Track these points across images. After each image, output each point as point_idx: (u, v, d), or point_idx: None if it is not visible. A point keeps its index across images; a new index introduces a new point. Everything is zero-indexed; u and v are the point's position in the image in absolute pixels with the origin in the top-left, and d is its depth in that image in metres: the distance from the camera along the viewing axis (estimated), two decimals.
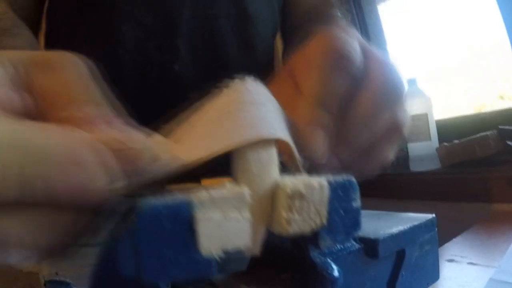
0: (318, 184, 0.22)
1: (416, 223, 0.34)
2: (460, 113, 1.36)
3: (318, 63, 0.29)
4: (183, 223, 0.17)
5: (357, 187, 0.24)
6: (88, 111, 0.20)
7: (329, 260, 0.27)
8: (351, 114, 0.29)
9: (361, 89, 0.29)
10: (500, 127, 1.05)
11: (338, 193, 0.23)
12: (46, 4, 0.60)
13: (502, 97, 1.40)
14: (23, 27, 0.49)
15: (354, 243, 0.30)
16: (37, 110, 0.21)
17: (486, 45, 1.43)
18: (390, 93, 0.30)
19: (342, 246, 0.29)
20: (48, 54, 0.22)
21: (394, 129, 0.32)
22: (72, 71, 0.22)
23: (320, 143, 0.27)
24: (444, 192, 1.06)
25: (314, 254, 0.27)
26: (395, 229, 0.32)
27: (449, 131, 1.25)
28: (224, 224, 0.18)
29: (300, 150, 0.26)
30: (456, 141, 1.08)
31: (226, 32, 0.58)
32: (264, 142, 0.22)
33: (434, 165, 1.15)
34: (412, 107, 1.25)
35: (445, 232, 0.76)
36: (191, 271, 0.17)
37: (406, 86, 1.29)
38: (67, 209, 0.18)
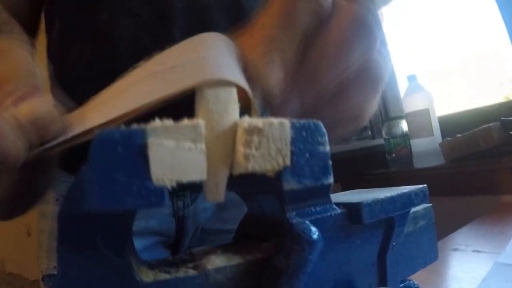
0: (278, 121, 0.21)
1: (405, 191, 0.32)
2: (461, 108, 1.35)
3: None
4: (136, 148, 0.17)
5: (324, 131, 0.23)
6: (10, 88, 0.24)
7: (307, 222, 0.25)
8: (316, 49, 0.27)
9: (329, 24, 0.27)
10: (503, 118, 1.04)
11: (302, 133, 0.22)
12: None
13: (507, 98, 1.39)
14: (14, 24, 0.49)
15: (335, 207, 0.28)
16: None
17: (487, 47, 1.42)
18: (362, 29, 0.27)
19: (321, 209, 0.28)
20: None
21: (367, 73, 0.29)
22: (9, 62, 0.26)
23: (272, 69, 0.25)
24: (449, 187, 1.05)
25: (291, 216, 0.26)
26: (381, 196, 0.30)
27: (452, 126, 1.24)
28: (177, 153, 0.18)
29: (255, 89, 0.24)
30: (459, 135, 1.07)
31: (219, 22, 0.59)
32: (223, 83, 0.22)
33: (437, 160, 1.14)
34: (413, 103, 1.24)
35: (451, 226, 0.75)
36: (142, 199, 0.17)
37: (406, 82, 1.31)
38: None
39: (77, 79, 0.60)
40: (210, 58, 0.23)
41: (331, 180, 0.23)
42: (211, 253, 0.25)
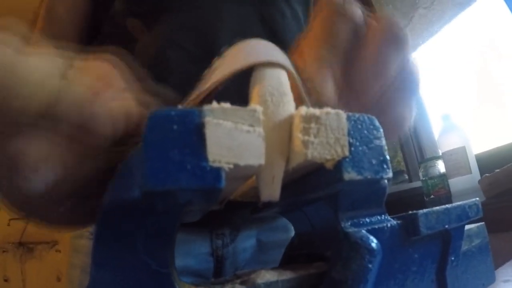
0: (335, 111, 0.20)
1: (459, 203, 0.31)
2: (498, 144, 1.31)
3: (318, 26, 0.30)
4: (192, 127, 0.17)
5: (378, 125, 0.22)
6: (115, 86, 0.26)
7: (363, 230, 0.24)
8: (357, 64, 0.29)
9: (365, 38, 0.30)
10: None
11: (358, 126, 0.21)
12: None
13: None
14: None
15: (391, 219, 0.27)
16: None
17: None
18: (394, 41, 0.30)
19: (377, 219, 0.26)
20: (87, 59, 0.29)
21: (405, 80, 0.31)
22: (103, 68, 0.28)
23: (326, 83, 0.27)
24: (492, 223, 1.00)
25: (346, 226, 0.25)
26: (436, 208, 0.29)
27: (489, 162, 1.20)
28: (235, 135, 0.18)
29: (307, 93, 0.26)
30: (497, 170, 1.03)
31: None
32: (280, 67, 0.23)
33: (478, 198, 1.10)
34: (449, 142, 1.22)
35: (499, 263, 0.71)
36: (197, 180, 0.16)
37: (441, 122, 1.29)
38: (76, 144, 0.23)
39: None
40: (268, 47, 0.26)
41: (390, 174, 0.22)
42: (259, 271, 0.24)
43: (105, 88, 0.26)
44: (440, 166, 1.31)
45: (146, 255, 0.19)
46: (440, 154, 1.27)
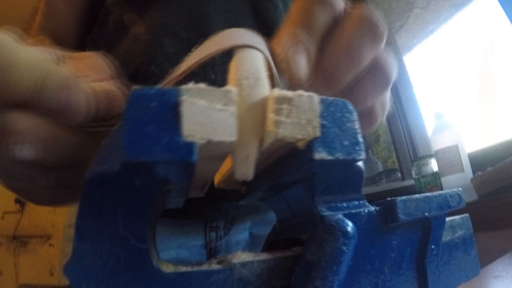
0: (307, 94, 0.21)
1: (440, 192, 0.31)
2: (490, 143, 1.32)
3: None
4: (169, 104, 0.18)
5: (351, 109, 0.23)
6: (90, 73, 0.30)
7: (339, 214, 0.24)
8: (331, 46, 0.29)
9: (341, 25, 0.30)
10: None
11: (330, 108, 0.22)
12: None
13: None
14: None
15: (369, 205, 0.27)
16: None
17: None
18: (370, 31, 0.30)
19: (354, 205, 0.26)
20: (80, 52, 0.33)
21: (378, 69, 0.31)
22: (94, 58, 0.32)
23: (301, 63, 0.27)
24: (484, 221, 1.00)
25: (322, 209, 0.25)
26: (416, 195, 0.29)
27: (482, 160, 1.21)
28: (209, 113, 0.19)
29: (281, 80, 0.27)
30: (489, 168, 1.03)
31: None
32: (255, 50, 0.25)
33: (470, 196, 1.10)
34: (442, 141, 1.22)
35: (490, 260, 0.71)
36: (171, 153, 0.18)
37: (433, 120, 1.29)
38: (61, 125, 0.26)
39: None
40: (246, 34, 0.27)
41: (362, 155, 0.22)
42: (236, 252, 0.24)
43: (92, 74, 0.29)
44: (433, 165, 1.31)
45: (125, 230, 0.20)
46: (433, 152, 1.27)
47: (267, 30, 0.66)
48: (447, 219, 0.32)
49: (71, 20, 0.69)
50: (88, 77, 0.29)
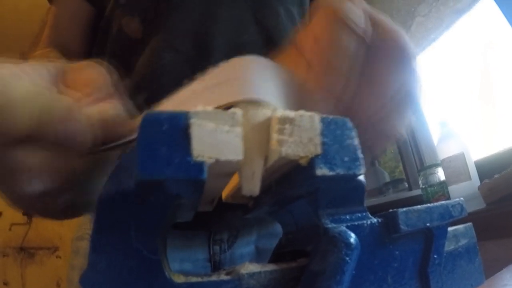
0: (308, 113, 0.23)
1: (442, 203, 0.32)
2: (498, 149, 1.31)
3: (322, 32, 0.29)
4: (179, 127, 0.20)
5: (351, 126, 0.24)
6: (96, 93, 0.30)
7: (343, 226, 0.25)
8: (361, 82, 0.29)
9: (371, 57, 0.29)
10: None
11: (331, 127, 0.23)
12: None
13: None
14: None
15: (371, 216, 0.28)
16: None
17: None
18: (401, 60, 0.30)
19: (357, 216, 0.27)
20: (80, 63, 0.32)
21: (406, 98, 0.31)
22: (93, 70, 0.32)
23: (327, 108, 0.28)
24: (492, 229, 1.00)
25: (326, 222, 0.26)
26: (417, 206, 0.30)
27: (489, 168, 1.20)
28: (216, 134, 0.20)
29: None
30: (496, 176, 1.03)
31: None
32: (255, 100, 0.25)
33: (478, 204, 1.09)
34: (448, 149, 1.22)
35: (498, 269, 0.71)
36: (182, 172, 0.19)
37: (439, 129, 1.29)
38: (66, 154, 0.26)
39: None
40: (246, 78, 0.27)
41: (362, 170, 0.24)
42: (244, 263, 0.25)
43: (90, 91, 0.29)
44: (440, 174, 1.31)
45: (138, 242, 0.21)
46: (440, 161, 1.27)
47: (269, 40, 0.67)
48: (450, 228, 0.32)
49: (77, 32, 0.70)
50: (87, 96, 0.29)
